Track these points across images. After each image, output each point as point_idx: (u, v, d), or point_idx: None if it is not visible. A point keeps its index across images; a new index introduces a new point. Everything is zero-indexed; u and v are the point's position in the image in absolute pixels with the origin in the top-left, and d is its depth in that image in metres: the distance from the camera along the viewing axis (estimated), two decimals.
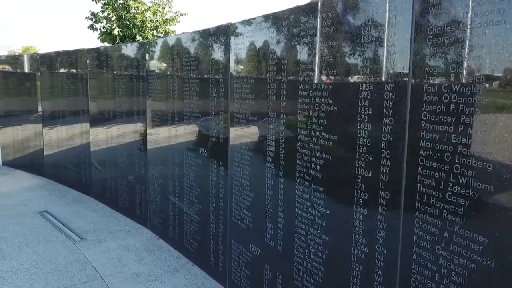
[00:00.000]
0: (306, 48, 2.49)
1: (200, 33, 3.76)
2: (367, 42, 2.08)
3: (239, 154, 3.26)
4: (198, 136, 3.87)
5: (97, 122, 5.91)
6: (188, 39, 3.95)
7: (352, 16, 2.16)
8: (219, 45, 3.46)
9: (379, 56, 2.01)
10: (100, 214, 5.49)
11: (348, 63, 2.20)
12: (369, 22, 2.06)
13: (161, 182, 4.58)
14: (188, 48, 3.97)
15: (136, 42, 5.03)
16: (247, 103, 3.13)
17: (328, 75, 2.35)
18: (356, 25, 2.14)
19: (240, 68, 3.20)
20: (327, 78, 2.67)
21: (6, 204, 5.78)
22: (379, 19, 2.01)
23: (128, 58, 5.18)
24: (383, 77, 1.99)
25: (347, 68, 2.22)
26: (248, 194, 3.18)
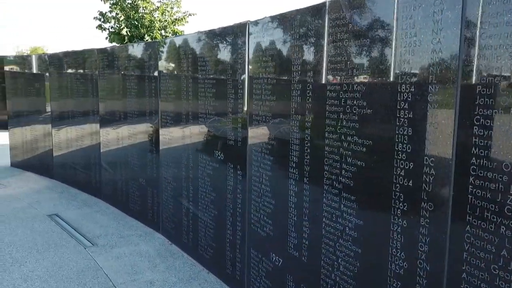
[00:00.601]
0: (336, 47, 2.32)
1: (216, 32, 3.61)
2: (404, 37, 1.91)
3: (258, 158, 3.10)
4: (213, 138, 3.71)
5: (108, 123, 5.79)
6: (203, 38, 3.79)
7: (386, 12, 2.00)
8: (237, 44, 3.31)
9: (421, 54, 1.84)
10: (110, 217, 5.36)
11: (384, 62, 2.03)
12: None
13: (174, 185, 4.43)
14: (202, 47, 3.81)
15: (148, 42, 4.90)
16: (267, 104, 2.97)
17: (359, 75, 2.18)
18: (392, 21, 1.97)
19: (260, 68, 3.04)
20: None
21: (16, 207, 5.67)
22: (422, 13, 1.84)
23: (139, 58, 5.05)
24: (426, 77, 1.82)
25: (383, 68, 2.05)
26: (268, 200, 3.02)
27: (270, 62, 2.93)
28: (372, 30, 2.10)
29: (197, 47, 3.91)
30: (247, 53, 3.19)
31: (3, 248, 4.30)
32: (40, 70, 7.47)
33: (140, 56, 5.05)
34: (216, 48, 3.64)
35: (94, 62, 6.01)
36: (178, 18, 15.51)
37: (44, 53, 7.34)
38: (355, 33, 2.19)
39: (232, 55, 3.39)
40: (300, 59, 2.62)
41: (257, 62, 3.08)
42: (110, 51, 5.81)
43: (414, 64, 1.86)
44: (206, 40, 3.77)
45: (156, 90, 4.67)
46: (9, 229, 4.83)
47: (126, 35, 14.52)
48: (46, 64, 7.20)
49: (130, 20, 14.59)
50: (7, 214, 5.33)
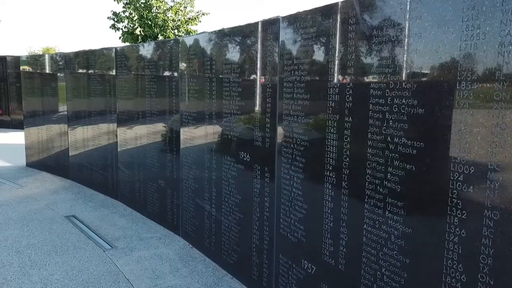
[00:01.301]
0: (381, 41, 2.16)
1: (243, 28, 3.47)
2: (465, 30, 1.75)
3: (289, 160, 2.96)
4: (238, 139, 3.58)
5: (125, 122, 5.69)
6: (228, 35, 3.66)
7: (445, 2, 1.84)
8: (266, 41, 3.16)
9: (486, 46, 1.68)
10: (128, 219, 5.25)
11: (441, 57, 1.87)
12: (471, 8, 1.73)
13: (196, 187, 4.31)
14: (227, 45, 3.68)
15: (167, 40, 4.78)
16: (300, 103, 2.82)
17: (409, 72, 2.02)
18: (451, 10, 1.81)
19: (291, 66, 2.89)
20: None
21: (33, 208, 5.60)
22: (487, 2, 1.67)
23: (159, 56, 4.94)
24: (492, 73, 1.65)
25: (439, 64, 1.88)
26: (300, 205, 2.87)
27: (304, 60, 2.78)
28: (425, 22, 1.94)
29: (221, 45, 3.77)
30: (277, 51, 3.04)
31: (22, 251, 4.21)
32: (56, 70, 7.41)
33: (159, 55, 4.94)
34: (242, 46, 3.50)
35: (112, 60, 5.92)
36: (192, 18, 15.42)
37: (60, 52, 7.28)
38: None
39: (261, 53, 3.24)
40: (338, 56, 2.46)
41: (288, 59, 2.94)
42: (128, 50, 5.71)
43: (478, 59, 1.70)
44: (230, 38, 3.64)
45: (177, 89, 4.55)
46: (27, 231, 4.75)
47: (139, 34, 14.47)
48: (62, 64, 7.14)
49: (143, 19, 14.54)
50: (24, 216, 5.26)
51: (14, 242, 4.42)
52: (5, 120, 14.17)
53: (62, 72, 7.16)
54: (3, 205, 5.66)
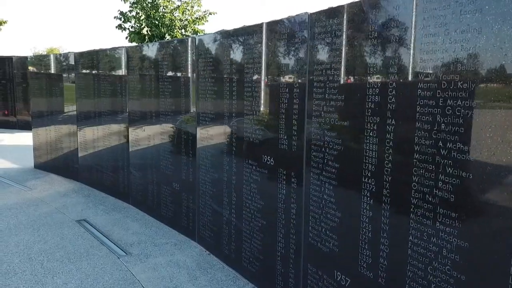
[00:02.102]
0: (428, 34, 1.99)
1: (268, 25, 3.30)
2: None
3: (319, 165, 2.78)
4: (262, 141, 3.41)
5: (137, 122, 5.53)
6: (250, 34, 3.49)
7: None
8: (293, 39, 2.99)
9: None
10: (141, 224, 5.10)
11: (506, 54, 1.69)
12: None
13: (214, 191, 4.14)
14: (249, 43, 3.51)
15: (182, 38, 4.62)
16: (332, 104, 2.64)
17: (465, 70, 1.84)
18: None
19: (322, 65, 2.72)
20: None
21: (43, 211, 5.45)
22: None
23: (172, 55, 4.77)
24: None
25: (504, 62, 1.70)
26: (333, 213, 2.70)
27: (336, 58, 2.61)
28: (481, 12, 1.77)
29: (241, 44, 3.61)
30: (305, 49, 2.87)
31: (34, 257, 4.06)
32: (65, 69, 7.28)
33: (173, 53, 4.78)
34: (268, 44, 3.33)
35: (123, 60, 5.77)
36: (199, 17, 15.27)
37: (69, 52, 7.14)
38: (457, 15, 1.86)
39: (287, 53, 3.07)
40: (379, 54, 2.29)
41: (318, 58, 2.76)
42: (140, 49, 5.55)
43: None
44: (253, 36, 3.47)
45: (195, 89, 4.38)
46: (38, 236, 4.61)
47: (146, 34, 14.34)
48: (71, 63, 7.00)
49: (150, 19, 14.40)
50: (35, 220, 5.11)
51: (25, 248, 4.27)
52: (11, 121, 14.07)
53: (71, 72, 7.02)
54: (13, 208, 5.52)
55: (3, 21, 15.29)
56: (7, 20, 15.26)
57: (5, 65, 13.99)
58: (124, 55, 5.74)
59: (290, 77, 3.05)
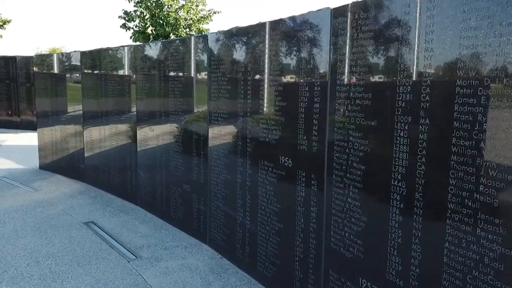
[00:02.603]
0: (468, 27, 1.86)
1: (287, 23, 3.18)
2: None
3: (343, 166, 2.66)
4: (278, 142, 3.28)
5: (145, 122, 5.42)
6: (268, 30, 3.37)
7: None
8: (314, 36, 2.87)
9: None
10: (150, 226, 4.98)
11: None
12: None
13: (227, 193, 4.02)
14: (265, 40, 3.39)
15: (196, 36, 4.51)
16: (358, 103, 2.52)
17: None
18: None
19: (347, 63, 2.60)
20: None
21: (50, 213, 5.34)
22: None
23: (184, 54, 4.66)
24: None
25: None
26: (357, 217, 2.57)
27: (363, 54, 2.48)
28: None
29: (256, 41, 3.48)
30: (329, 47, 2.75)
31: (41, 261, 3.95)
32: (70, 69, 7.17)
33: (183, 52, 4.66)
34: (284, 42, 3.20)
35: (131, 58, 5.66)
36: (204, 16, 15.16)
37: (75, 51, 7.03)
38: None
39: (309, 51, 2.95)
40: (410, 49, 2.17)
41: (341, 55, 2.64)
42: (147, 47, 5.44)
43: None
44: (270, 33, 3.34)
45: (209, 89, 4.26)
46: (46, 239, 4.49)
47: (151, 33, 14.24)
48: (77, 62, 6.89)
49: (155, 18, 14.30)
50: (41, 222, 5.00)
51: (32, 251, 4.16)
52: (15, 121, 13.98)
53: (77, 71, 6.91)
54: (19, 210, 5.41)
55: (7, 20, 15.23)
56: (11, 19, 15.21)
57: (9, 65, 13.90)
58: (132, 54, 5.63)
59: (310, 74, 2.92)
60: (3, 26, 15.33)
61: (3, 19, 15.27)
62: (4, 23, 15.32)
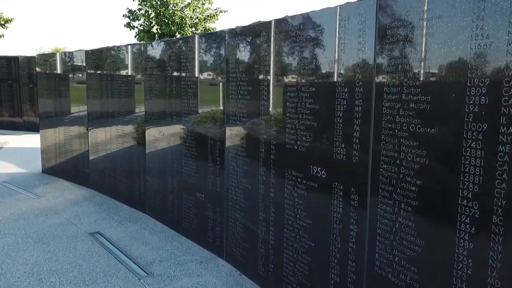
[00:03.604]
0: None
1: (319, 16, 2.81)
2: None
3: (392, 180, 2.30)
4: (309, 150, 2.92)
5: (155, 124, 5.07)
6: (298, 25, 3.00)
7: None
8: (356, 26, 2.51)
9: None
10: (161, 237, 4.62)
11: None
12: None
13: (247, 204, 3.66)
14: (294, 37, 3.03)
15: (211, 32, 4.15)
16: (412, 107, 2.16)
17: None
18: None
19: (399, 61, 2.24)
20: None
21: (53, 222, 5.00)
22: None
23: (198, 52, 4.30)
24: None
25: None
26: (411, 240, 2.21)
27: (419, 47, 2.12)
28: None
29: (284, 37, 3.12)
30: (375, 40, 2.38)
31: (44, 278, 3.60)
32: (74, 68, 6.83)
33: (197, 50, 4.30)
34: (315, 38, 2.84)
35: (139, 57, 5.31)
36: (210, 15, 14.81)
37: (80, 50, 6.69)
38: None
39: (341, 47, 2.59)
40: (485, 42, 1.80)
41: (393, 49, 2.28)
42: (156, 46, 5.09)
43: None
44: (299, 29, 2.98)
45: (225, 89, 3.91)
46: (49, 252, 4.15)
47: (156, 33, 13.90)
48: (81, 61, 6.55)
49: (160, 17, 13.96)
50: (44, 233, 4.65)
51: (34, 267, 3.81)
52: (18, 122, 13.67)
53: (81, 71, 6.57)
54: (21, 219, 5.07)
55: (9, 19, 14.91)
56: (13, 18, 14.91)
57: (11, 65, 13.59)
58: (140, 52, 5.28)
59: (350, 73, 2.56)
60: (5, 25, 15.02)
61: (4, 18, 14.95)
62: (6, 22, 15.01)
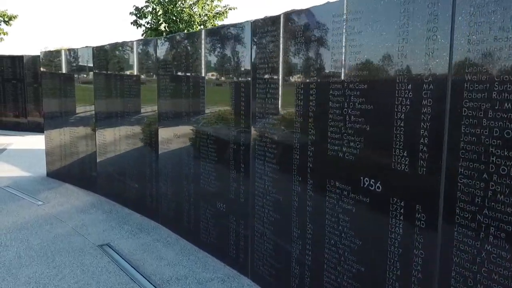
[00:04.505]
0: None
1: (366, 4, 2.38)
2: None
3: (476, 199, 1.86)
4: (359, 158, 2.49)
5: (169, 125, 4.65)
6: (346, 11, 2.57)
7: None
8: (428, 9, 2.07)
9: None
10: (176, 251, 4.20)
11: None
12: None
13: (277, 218, 3.23)
14: (337, 26, 2.60)
15: (234, 24, 3.73)
16: (509, 108, 1.72)
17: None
18: None
19: (482, 53, 1.80)
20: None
21: (58, 233, 4.59)
22: None
23: (217, 47, 3.88)
24: None
25: None
26: (505, 274, 1.77)
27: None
28: None
29: (324, 27, 2.69)
30: (451, 25, 1.95)
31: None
32: (81, 66, 6.43)
33: (217, 44, 3.88)
34: (364, 25, 2.41)
35: (151, 53, 4.90)
36: (219, 12, 14.40)
37: (86, 46, 6.29)
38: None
39: (411, 36, 2.16)
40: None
41: (475, 36, 1.84)
42: (168, 41, 4.67)
43: None
44: (347, 17, 2.55)
45: (249, 92, 3.48)
46: (54, 268, 3.74)
47: (164, 30, 13.50)
48: (89, 59, 6.15)
49: (168, 14, 13.56)
50: (49, 245, 4.25)
51: (38, 286, 3.41)
52: (22, 122, 13.32)
53: (89, 68, 6.17)
54: (23, 229, 4.67)
55: (13, 16, 14.55)
56: (17, 15, 14.55)
57: (16, 65, 13.25)
58: (153, 48, 4.86)
59: (416, 68, 2.13)
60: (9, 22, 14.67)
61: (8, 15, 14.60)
62: (10, 19, 14.65)
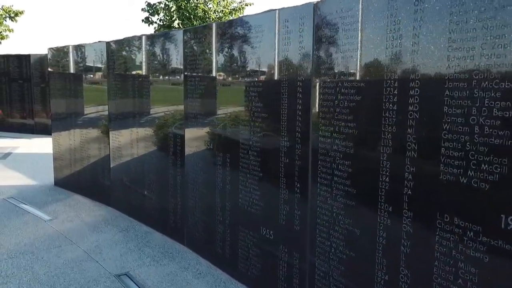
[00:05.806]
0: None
1: None
2: None
3: None
4: (495, 187, 1.76)
5: (196, 130, 3.94)
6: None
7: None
8: None
9: None
10: (210, 283, 3.49)
11: None
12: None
13: (352, 256, 2.51)
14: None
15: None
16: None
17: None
18: None
19: None
20: None
21: (69, 258, 3.89)
22: None
23: (256, 35, 3.17)
24: None
25: None
26: None
27: None
28: None
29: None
30: None
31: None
32: (92, 64, 5.74)
33: (257, 31, 3.17)
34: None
35: (175, 47, 4.20)
36: (235, 9, 13.70)
37: (98, 42, 5.61)
38: None
39: None
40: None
41: None
42: (199, 32, 3.96)
43: None
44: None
45: (306, 97, 2.76)
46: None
47: (177, 27, 12.82)
48: (102, 54, 5.46)
49: (182, 11, 12.88)
50: (57, 274, 3.55)
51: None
52: (29, 124, 12.70)
53: (102, 65, 5.48)
54: (28, 253, 3.98)
55: (19, 11, 13.94)
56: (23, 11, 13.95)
57: (22, 64, 12.64)
58: (179, 40, 4.15)
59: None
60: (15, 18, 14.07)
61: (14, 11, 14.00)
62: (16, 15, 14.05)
